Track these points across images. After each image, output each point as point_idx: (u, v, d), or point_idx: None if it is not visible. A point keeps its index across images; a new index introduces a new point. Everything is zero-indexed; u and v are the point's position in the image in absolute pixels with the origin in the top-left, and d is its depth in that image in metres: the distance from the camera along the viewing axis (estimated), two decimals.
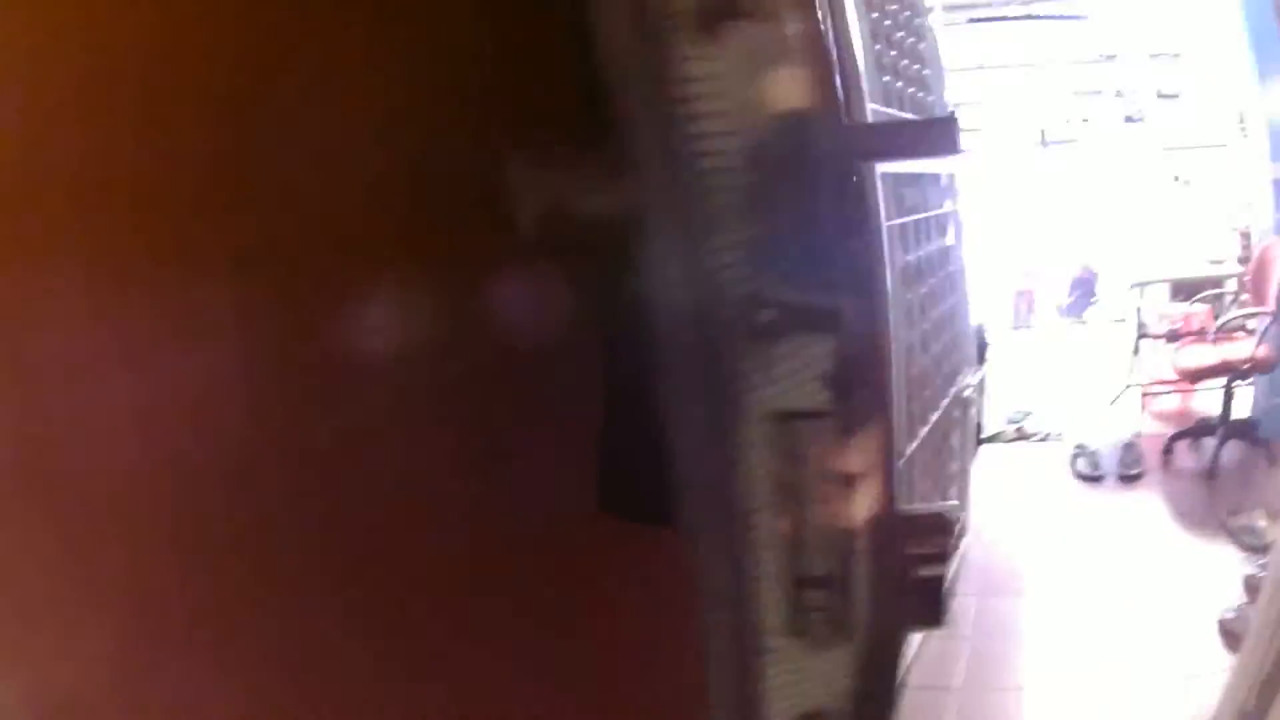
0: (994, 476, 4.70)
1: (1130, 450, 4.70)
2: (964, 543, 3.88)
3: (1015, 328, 9.34)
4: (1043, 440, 5.33)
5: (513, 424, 1.01)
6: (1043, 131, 9.46)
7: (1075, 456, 4.77)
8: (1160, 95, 8.91)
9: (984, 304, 5.93)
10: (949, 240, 3.79)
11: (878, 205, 2.57)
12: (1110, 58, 8.89)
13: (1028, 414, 5.68)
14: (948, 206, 3.81)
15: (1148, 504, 4.23)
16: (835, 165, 0.59)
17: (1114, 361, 5.81)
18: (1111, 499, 4.40)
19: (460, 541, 1.00)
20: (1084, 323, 8.77)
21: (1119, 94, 9.09)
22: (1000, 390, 6.17)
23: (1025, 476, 4.83)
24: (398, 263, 0.96)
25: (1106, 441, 4.85)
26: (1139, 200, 8.60)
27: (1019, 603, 3.49)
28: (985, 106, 9.23)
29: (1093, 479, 4.62)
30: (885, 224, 2.66)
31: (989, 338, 4.95)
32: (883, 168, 2.74)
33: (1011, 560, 3.84)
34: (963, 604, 3.48)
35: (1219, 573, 3.35)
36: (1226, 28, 4.85)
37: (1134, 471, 4.56)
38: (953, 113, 3.99)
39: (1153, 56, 8.70)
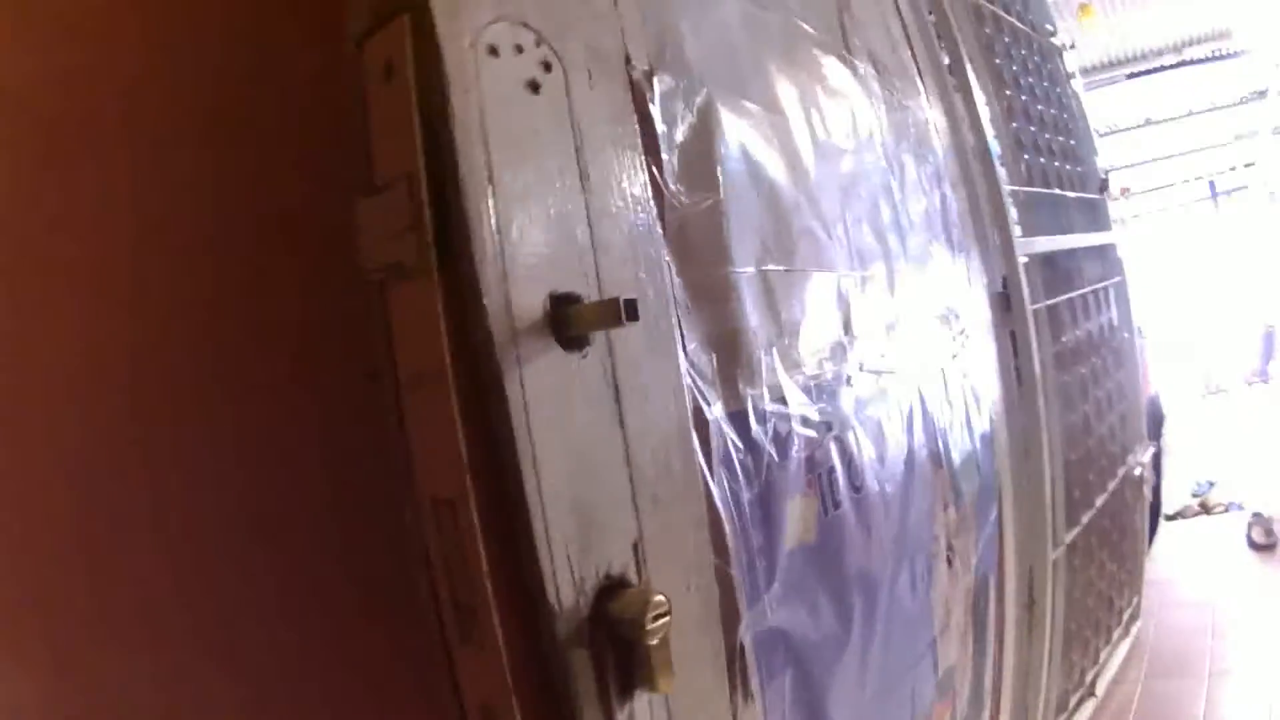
0: (1172, 553, 4.55)
1: None
2: (1136, 627, 3.64)
3: (1204, 394, 8.82)
4: (1225, 512, 5.04)
5: None
6: (1211, 183, 9.00)
7: (1250, 525, 4.52)
8: None
9: (1165, 373, 5.63)
10: (1113, 314, 3.61)
11: None
12: (1262, 94, 8.38)
13: (1212, 485, 5.40)
14: (1111, 279, 3.63)
15: None
16: None
17: None
18: None
19: None
20: (1267, 380, 8.22)
21: (1276, 130, 8.56)
22: (1185, 463, 5.85)
23: (1201, 551, 4.61)
24: None
25: None
26: None
27: (1186, 685, 3.25)
28: (1153, 164, 8.86)
29: (1265, 547, 4.37)
30: (1030, 307, 2.54)
31: (1165, 410, 4.71)
32: (1029, 248, 2.64)
33: (1181, 641, 3.63)
34: (1129, 689, 3.30)
35: None
36: None
37: None
38: (1105, 179, 3.82)
39: None
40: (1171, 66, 7.23)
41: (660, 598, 0.78)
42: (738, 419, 1.08)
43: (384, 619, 0.90)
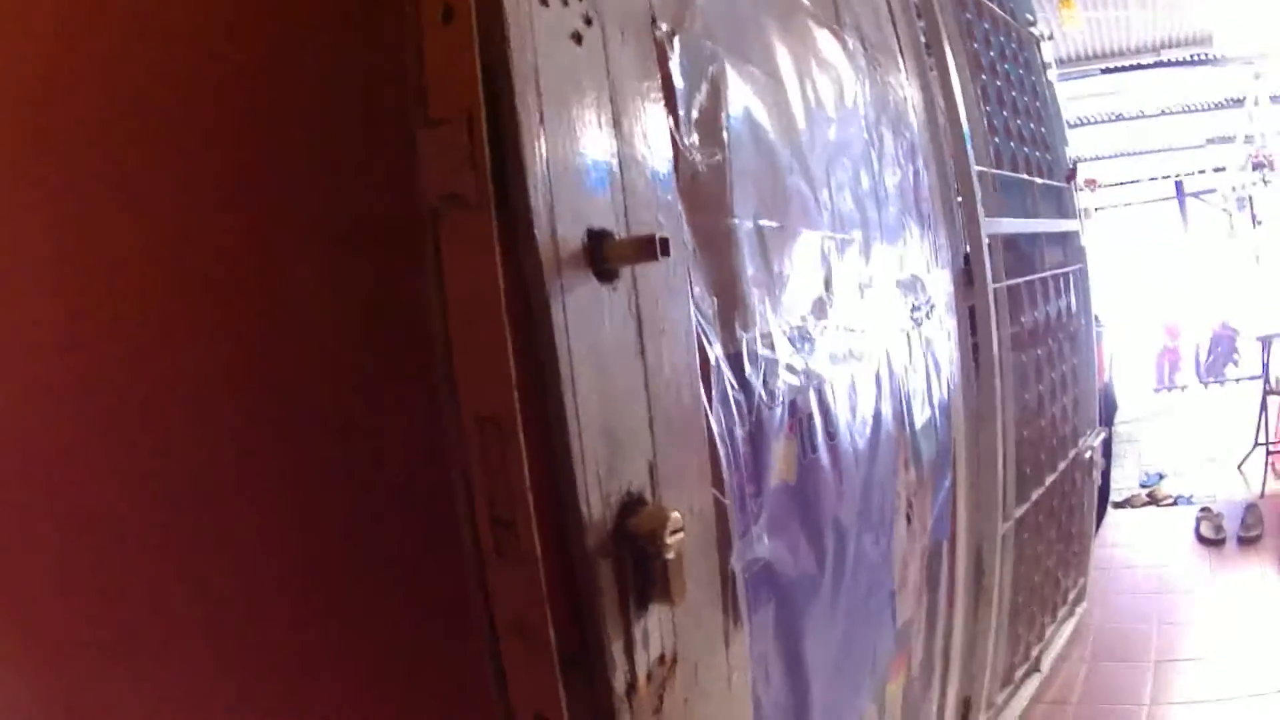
0: (1120, 540, 4.66)
1: (1251, 512, 4.58)
2: (1081, 608, 3.77)
3: (1158, 389, 9.05)
4: (1173, 504, 5.18)
5: None
6: (1178, 183, 9.16)
7: (1199, 520, 4.66)
8: None
9: (1121, 363, 5.77)
10: (1072, 300, 3.71)
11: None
12: (1238, 101, 8.57)
13: (1162, 477, 5.58)
14: (1072, 266, 3.74)
15: (1263, 567, 4.11)
16: None
17: (1246, 421, 5.63)
18: (1229, 562, 4.30)
19: None
20: (1223, 382, 8.45)
21: (1248, 139, 8.77)
22: (1137, 453, 6.03)
23: (1150, 541, 4.72)
24: None
25: (1229, 503, 4.75)
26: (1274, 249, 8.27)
27: (1132, 668, 3.38)
28: (1122, 159, 9.01)
29: (1214, 542, 4.49)
30: (992, 285, 2.63)
31: (1118, 398, 4.84)
32: (993, 228, 2.74)
33: (1128, 626, 3.75)
34: (1074, 666, 3.41)
35: None
36: None
37: (1253, 534, 4.43)
38: (1073, 168, 3.93)
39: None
40: (1149, 66, 7.34)
41: (676, 514, 0.85)
42: (734, 360, 1.16)
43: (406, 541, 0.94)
